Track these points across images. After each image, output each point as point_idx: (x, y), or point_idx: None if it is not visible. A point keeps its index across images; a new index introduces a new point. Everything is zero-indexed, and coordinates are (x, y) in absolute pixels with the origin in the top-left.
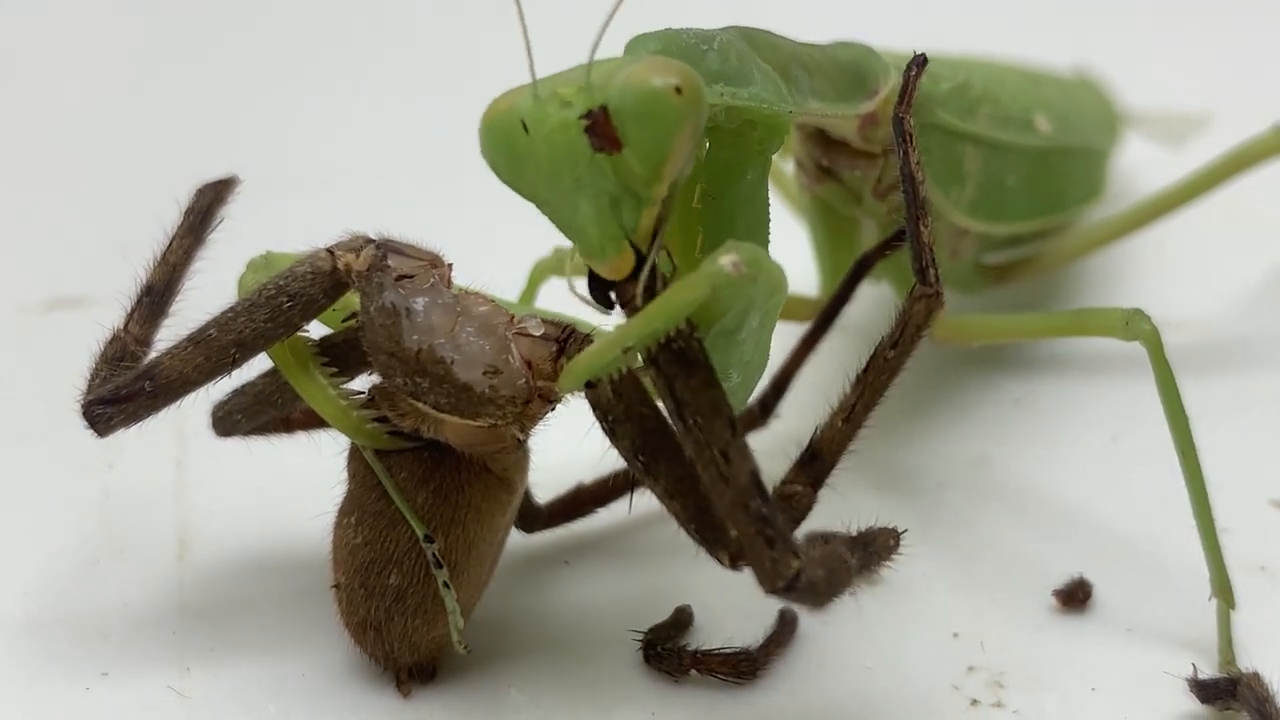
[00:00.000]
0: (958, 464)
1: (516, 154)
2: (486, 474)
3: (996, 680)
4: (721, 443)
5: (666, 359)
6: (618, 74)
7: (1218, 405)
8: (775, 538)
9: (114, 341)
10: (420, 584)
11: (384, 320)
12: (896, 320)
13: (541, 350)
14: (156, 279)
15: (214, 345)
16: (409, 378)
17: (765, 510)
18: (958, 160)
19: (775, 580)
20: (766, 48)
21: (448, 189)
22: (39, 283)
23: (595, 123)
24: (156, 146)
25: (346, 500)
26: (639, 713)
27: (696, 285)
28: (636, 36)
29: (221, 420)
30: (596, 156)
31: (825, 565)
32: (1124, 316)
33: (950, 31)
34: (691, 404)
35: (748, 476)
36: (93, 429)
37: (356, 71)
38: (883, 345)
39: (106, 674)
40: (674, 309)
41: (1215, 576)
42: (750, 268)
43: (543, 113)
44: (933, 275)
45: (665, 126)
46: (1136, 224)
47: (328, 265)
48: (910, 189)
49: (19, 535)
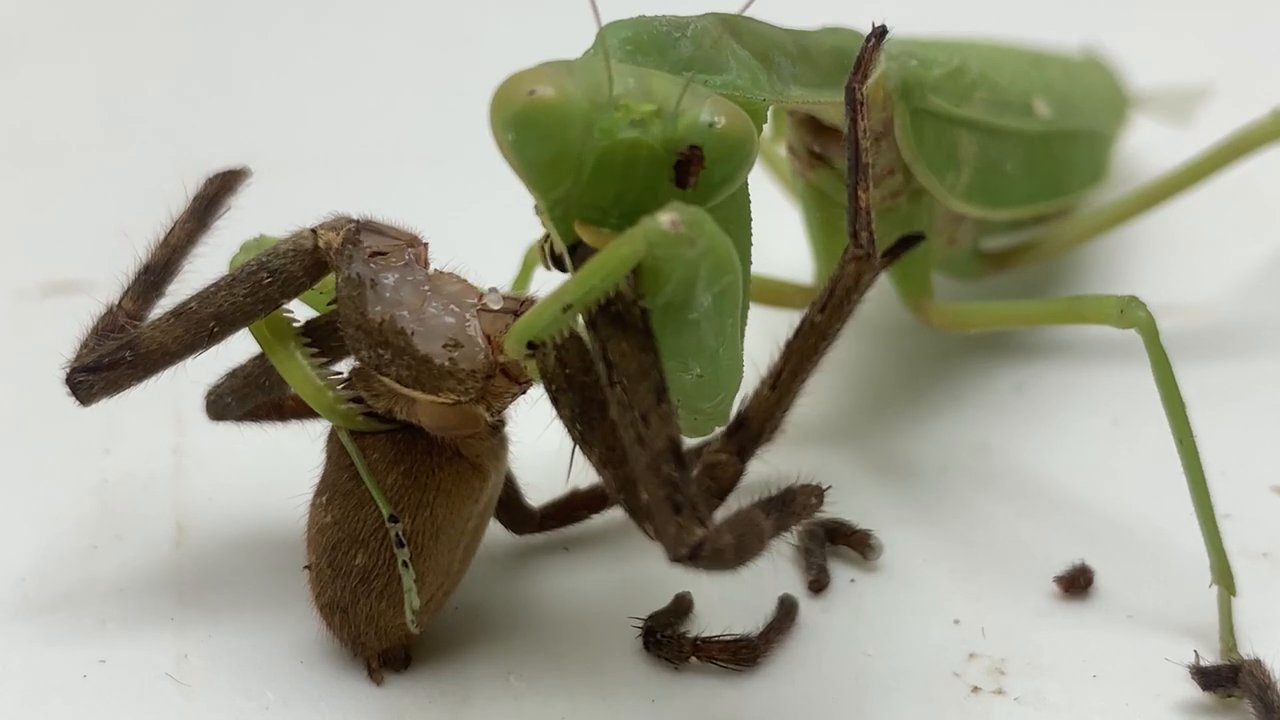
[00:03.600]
0: (957, 450)
1: (553, 145)
2: (459, 459)
3: (997, 667)
4: (644, 406)
5: (604, 321)
6: (698, 109)
7: (1220, 390)
8: (683, 504)
9: (106, 315)
10: (386, 566)
11: (350, 291)
12: (827, 283)
13: (501, 324)
14: (155, 259)
15: (193, 318)
16: (372, 349)
17: (676, 475)
18: (953, 146)
19: (678, 547)
20: (747, 34)
21: (445, 173)
22: (37, 267)
23: (689, 161)
24: (155, 130)
25: (321, 480)
26: (639, 700)
27: (632, 240)
28: (608, 25)
29: (214, 404)
30: (665, 183)
31: (735, 530)
32: (1119, 304)
33: (960, 11)
34: (620, 366)
35: (665, 442)
36: (75, 397)
37: (358, 54)
38: (812, 309)
39: (104, 660)
40: (610, 266)
41: (1216, 563)
42: (690, 229)
43: (612, 123)
44: (865, 238)
45: (739, 166)
46: (1136, 210)
47: (309, 243)
48: (853, 154)
49: (16, 520)
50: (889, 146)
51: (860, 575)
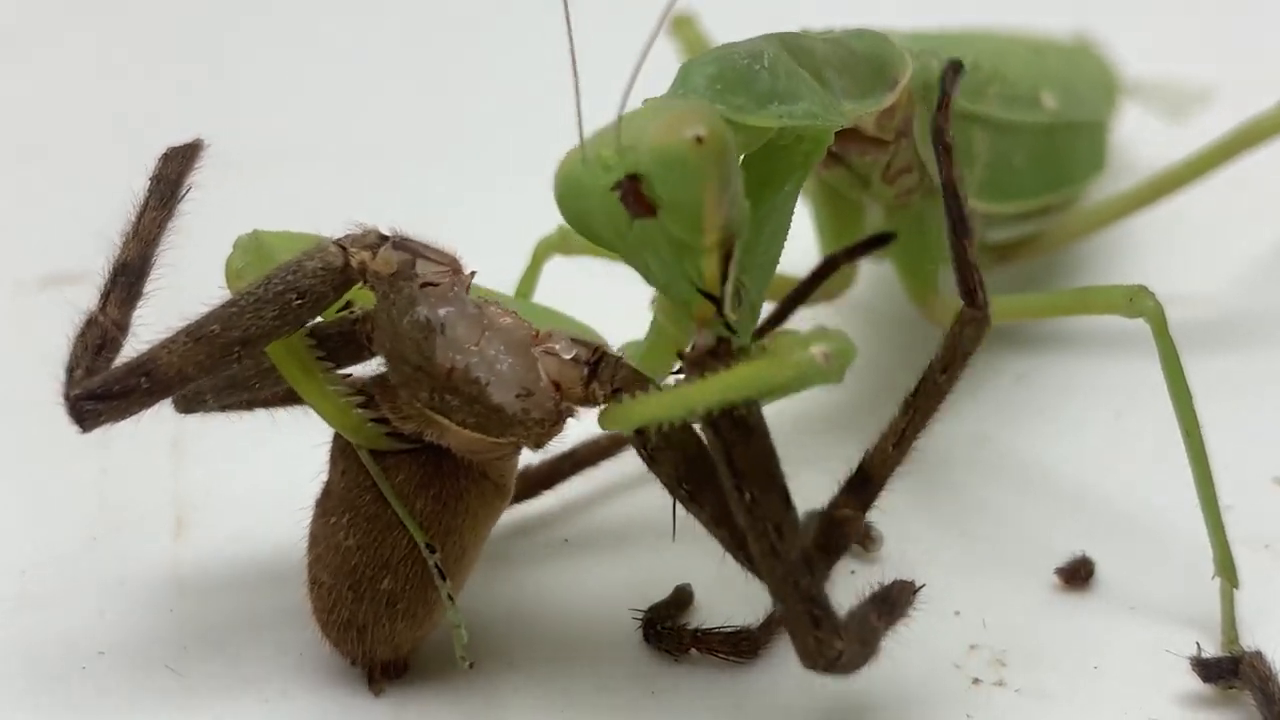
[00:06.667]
0: (959, 441)
1: (584, 217)
2: (485, 480)
3: (998, 659)
4: (776, 517)
5: (727, 424)
6: (642, 135)
7: (1223, 382)
8: (822, 618)
9: (91, 326)
10: (412, 590)
11: (416, 334)
12: (946, 344)
13: (571, 373)
14: (131, 256)
15: (217, 342)
16: (436, 393)
17: (814, 590)
18: (968, 143)
19: (818, 659)
20: (803, 54)
21: (445, 163)
22: (35, 259)
23: (626, 192)
24: (153, 122)
25: (333, 498)
26: (639, 692)
27: (783, 369)
28: (691, 62)
29: (185, 398)
30: (637, 221)
31: (859, 637)
32: (1127, 293)
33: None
34: (748, 474)
35: (798, 553)
36: (78, 425)
37: (354, 45)
38: (932, 369)
39: (103, 652)
40: (753, 386)
41: (1218, 554)
42: (838, 359)
43: (590, 177)
44: (980, 298)
45: (691, 183)
46: (1141, 202)
47: (339, 261)
48: (954, 205)
49: (15, 513)
50: (907, 145)
51: (860, 567)
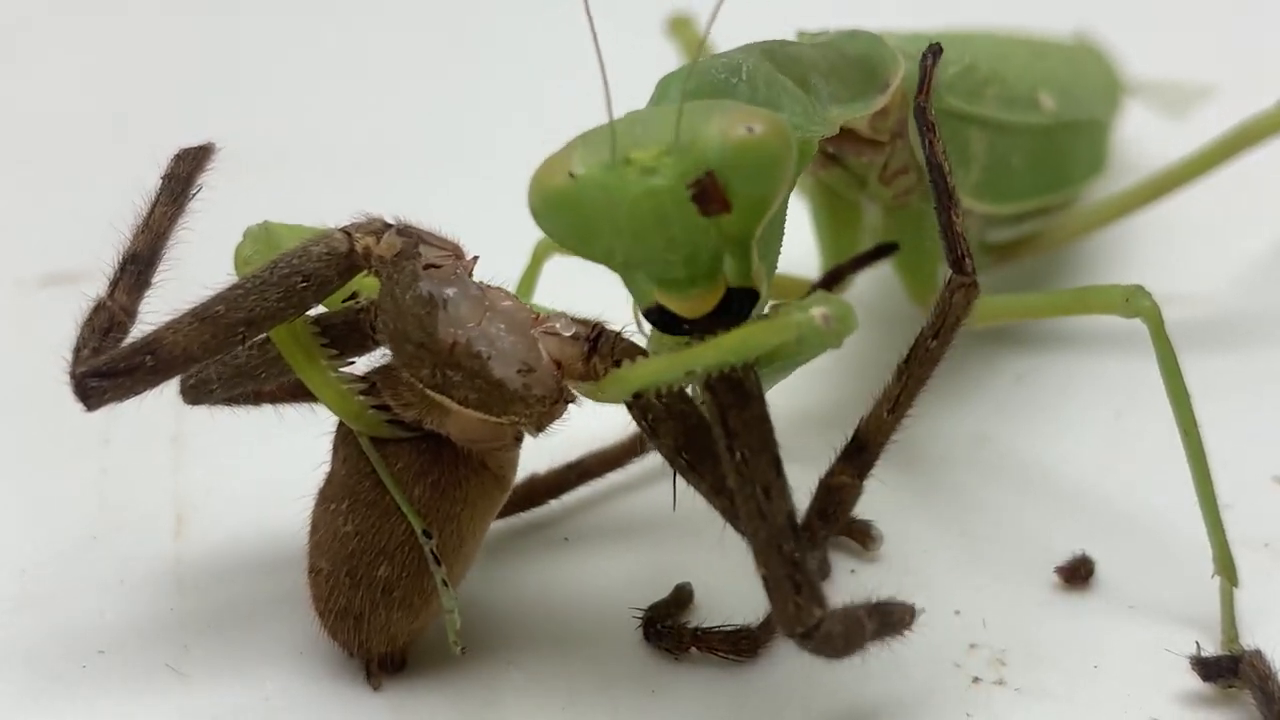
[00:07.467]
0: (959, 441)
1: (588, 224)
2: (484, 470)
3: (998, 658)
4: (765, 479)
5: (724, 387)
6: (704, 131)
7: (1222, 381)
8: (803, 583)
9: (100, 310)
10: (409, 577)
11: (419, 309)
12: (936, 310)
13: (572, 350)
14: (140, 247)
15: (222, 322)
16: (438, 370)
17: (797, 555)
18: (965, 144)
19: (795, 625)
20: (785, 60)
21: (446, 163)
22: (35, 258)
23: (705, 189)
24: (155, 120)
25: (333, 484)
26: (639, 690)
27: (783, 330)
28: (666, 76)
29: (193, 388)
30: (700, 219)
31: (844, 622)
32: (1124, 293)
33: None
34: (742, 436)
35: (784, 517)
36: (83, 402)
37: (359, 43)
38: (923, 336)
39: (103, 651)
40: (752, 346)
41: (1218, 554)
42: (840, 324)
43: (623, 181)
44: (968, 265)
45: (771, 175)
46: (1140, 202)
47: (344, 246)
48: (938, 178)
49: (15, 511)
50: (904, 146)
51: (861, 566)
